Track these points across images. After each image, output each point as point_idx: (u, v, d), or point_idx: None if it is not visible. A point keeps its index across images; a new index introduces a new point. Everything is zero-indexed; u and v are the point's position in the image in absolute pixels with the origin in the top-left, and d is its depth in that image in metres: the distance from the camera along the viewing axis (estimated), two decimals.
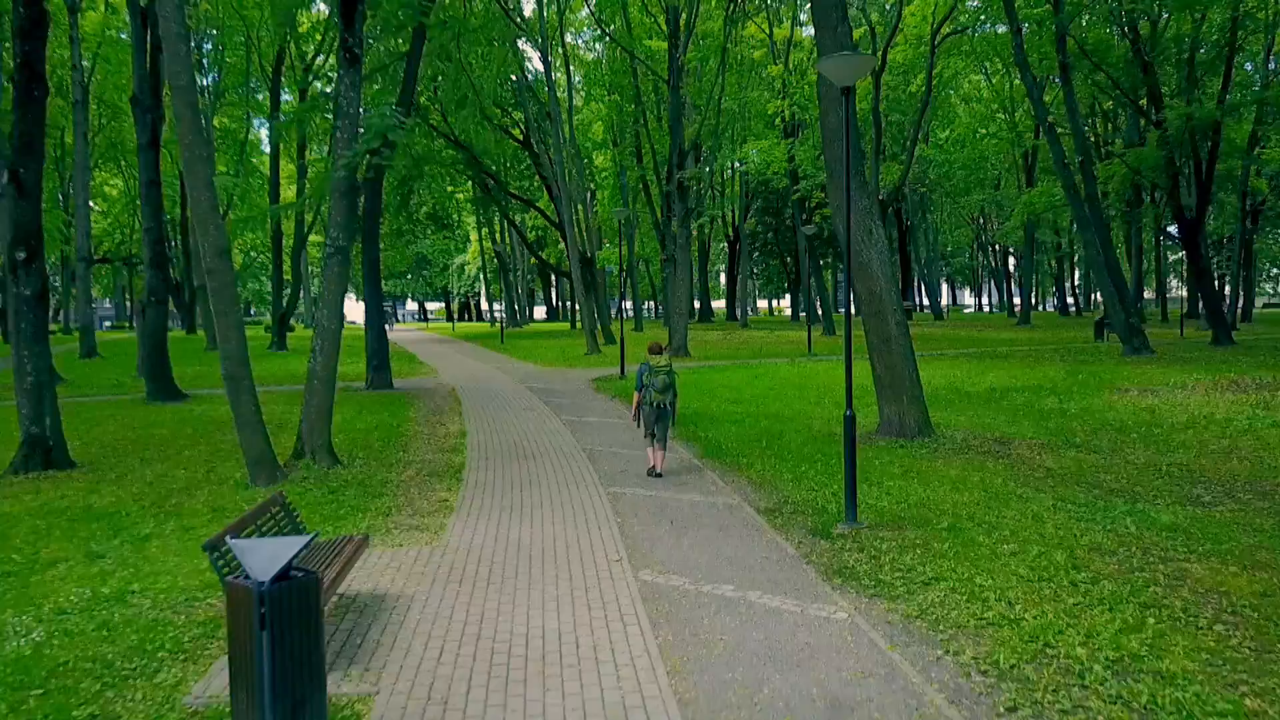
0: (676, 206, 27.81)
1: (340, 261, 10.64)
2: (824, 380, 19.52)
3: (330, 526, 7.82)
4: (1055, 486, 9.18)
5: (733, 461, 10.60)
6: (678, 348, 27.37)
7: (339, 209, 10.65)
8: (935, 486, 9.12)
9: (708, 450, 11.35)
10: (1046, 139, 24.60)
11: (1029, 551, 6.66)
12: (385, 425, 14.04)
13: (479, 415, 15.16)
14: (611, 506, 8.42)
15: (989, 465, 10.34)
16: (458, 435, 13.06)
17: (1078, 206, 24.09)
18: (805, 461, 10.46)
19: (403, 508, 8.59)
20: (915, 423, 12.17)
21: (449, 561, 6.78)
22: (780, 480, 9.49)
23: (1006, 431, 12.70)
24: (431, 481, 9.82)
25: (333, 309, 10.63)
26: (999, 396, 16.71)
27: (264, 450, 9.60)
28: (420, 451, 11.76)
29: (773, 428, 13.14)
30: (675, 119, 27.19)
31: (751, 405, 15.81)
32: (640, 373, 9.69)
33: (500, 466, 10.58)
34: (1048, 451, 11.26)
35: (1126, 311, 23.92)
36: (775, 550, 6.90)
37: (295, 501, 8.76)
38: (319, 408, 10.51)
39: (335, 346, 10.70)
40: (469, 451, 11.61)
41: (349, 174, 10.62)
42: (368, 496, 9.02)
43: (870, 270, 12.23)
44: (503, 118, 38.20)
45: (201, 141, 9.13)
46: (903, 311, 12.45)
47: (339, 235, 10.64)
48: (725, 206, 54.94)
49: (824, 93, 12.57)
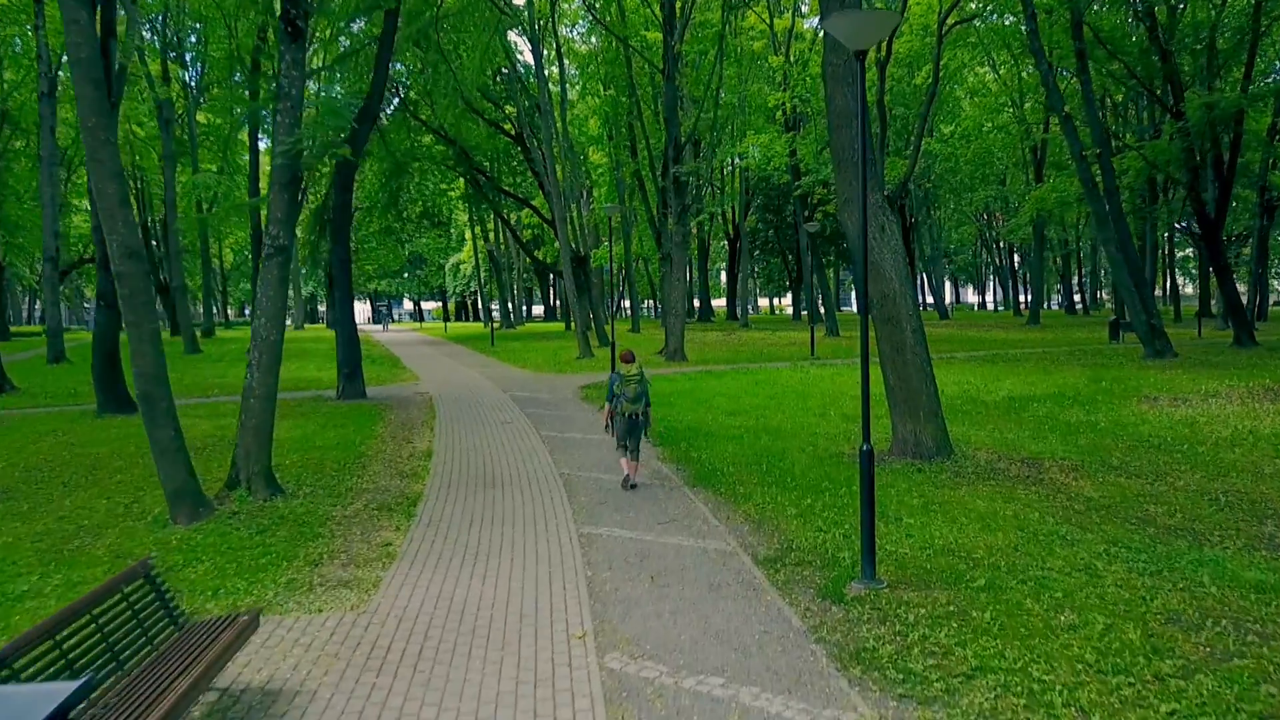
0: (672, 202, 26.47)
1: (280, 263, 9.34)
2: (829, 388, 18.20)
3: (241, 584, 6.52)
4: (1102, 523, 7.88)
5: (728, 490, 9.28)
6: (673, 351, 26.06)
7: (278, 203, 9.34)
8: (963, 524, 7.82)
9: (701, 475, 10.04)
10: (1063, 129, 23.26)
11: (1092, 624, 5.35)
12: (347, 443, 12.74)
13: (451, 430, 13.86)
14: (583, 554, 7.12)
15: (1020, 494, 9.03)
16: (423, 455, 11.75)
17: (1096, 201, 22.76)
18: (811, 491, 9.15)
19: (337, 554, 7.29)
20: (933, 441, 10.86)
21: (372, 636, 5.48)
22: (783, 516, 8.18)
23: (1033, 450, 11.40)
24: (379, 518, 8.51)
25: (271, 316, 9.32)
26: (1018, 407, 15.40)
27: (185, 482, 8.30)
28: (377, 476, 10.46)
29: (774, 446, 11.83)
30: (671, 111, 25.84)
31: (751, 418, 14.50)
32: (611, 382, 9.39)
33: (462, 497, 9.27)
34: (1084, 476, 9.96)
35: (1148, 312, 22.59)
36: (777, 620, 5.59)
37: (211, 546, 7.49)
38: (256, 429, 9.21)
39: (275, 359, 9.40)
40: (430, 478, 10.30)
41: (290, 164, 9.31)
42: (300, 539, 7.71)
43: (882, 270, 10.92)
44: (495, 112, 36.89)
45: (106, 125, 7.83)
46: (919, 317, 11.13)
47: (279, 233, 9.34)
48: (725, 203, 53.57)
49: (829, 72, 11.25)
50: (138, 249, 8.02)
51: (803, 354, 27.09)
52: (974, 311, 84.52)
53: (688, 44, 33.17)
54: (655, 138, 33.39)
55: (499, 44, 28.84)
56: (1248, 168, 32.30)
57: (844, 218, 11.25)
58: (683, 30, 26.58)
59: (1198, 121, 25.97)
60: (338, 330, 17.70)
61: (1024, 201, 39.62)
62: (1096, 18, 28.91)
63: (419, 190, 42.41)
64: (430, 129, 35.50)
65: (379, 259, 65.88)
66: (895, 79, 39.87)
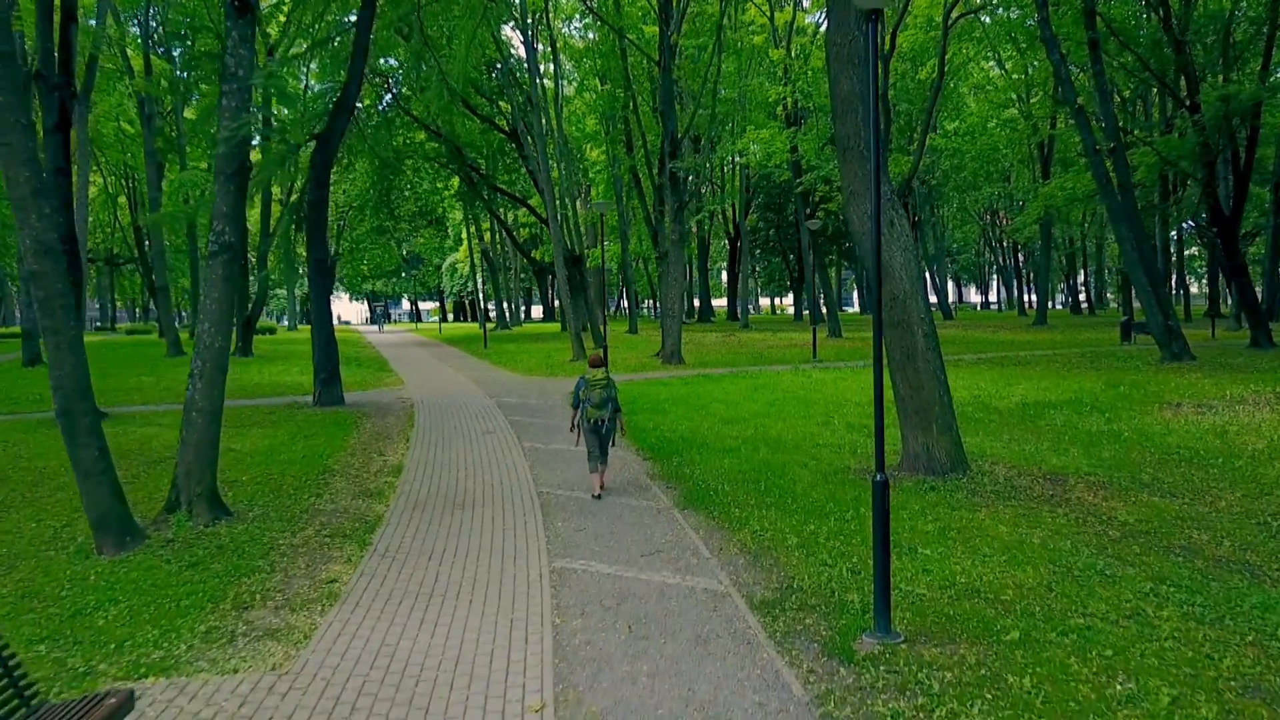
0: (669, 199, 25.53)
1: (226, 261, 8.42)
2: (832, 393, 17.28)
3: (153, 634, 5.61)
4: (1143, 554, 6.96)
5: (723, 514, 8.36)
6: (670, 353, 25.14)
7: (224, 195, 8.43)
8: (986, 556, 6.90)
9: (693, 495, 9.12)
10: (1075, 123, 22.30)
11: (1155, 695, 4.43)
12: (313, 455, 11.82)
13: (427, 442, 12.95)
14: (552, 595, 6.20)
15: (1046, 518, 8.11)
16: (392, 471, 10.84)
17: (1110, 197, 21.81)
18: (814, 514, 8.22)
19: (273, 593, 6.38)
20: (946, 456, 9.94)
21: (288, 708, 4.56)
22: (783, 546, 7.25)
23: (1055, 464, 10.48)
24: (331, 546, 7.59)
25: (216, 321, 8.40)
26: (1034, 414, 14.48)
27: (111, 507, 7.39)
28: (338, 495, 9.54)
29: (774, 460, 10.90)
30: (667, 104, 24.89)
31: (749, 427, 13.58)
32: (577, 387, 9.16)
33: (426, 521, 8.35)
34: (1114, 494, 9.03)
35: (1165, 313, 21.64)
36: (774, 687, 4.67)
37: (133, 583, 6.58)
38: (199, 446, 8.30)
39: (220, 368, 8.48)
40: (395, 497, 9.39)
41: (236, 151, 8.40)
42: (235, 574, 6.80)
43: (891, 270, 10.00)
44: (488, 108, 35.97)
45: (16, 104, 6.91)
46: (931, 320, 10.21)
47: (224, 228, 8.42)
48: (725, 202, 52.63)
49: (833, 53, 10.32)
50: (54, 246, 7.10)
51: (804, 356, 26.16)
52: (977, 311, 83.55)
53: (686, 38, 32.24)
54: (652, 133, 32.49)
55: (488, 35, 27.90)
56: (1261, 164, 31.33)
57: (850, 212, 10.33)
58: (680, 21, 25.66)
59: (1214, 115, 25.02)
60: (314, 333, 16.79)
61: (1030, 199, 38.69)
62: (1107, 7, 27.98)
63: (412, 188, 41.47)
64: (422, 125, 34.60)
65: (374, 259, 65.01)
66: (899, 74, 38.98)
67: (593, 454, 9.08)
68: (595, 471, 9.09)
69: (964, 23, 34.30)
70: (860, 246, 10.24)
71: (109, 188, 57.04)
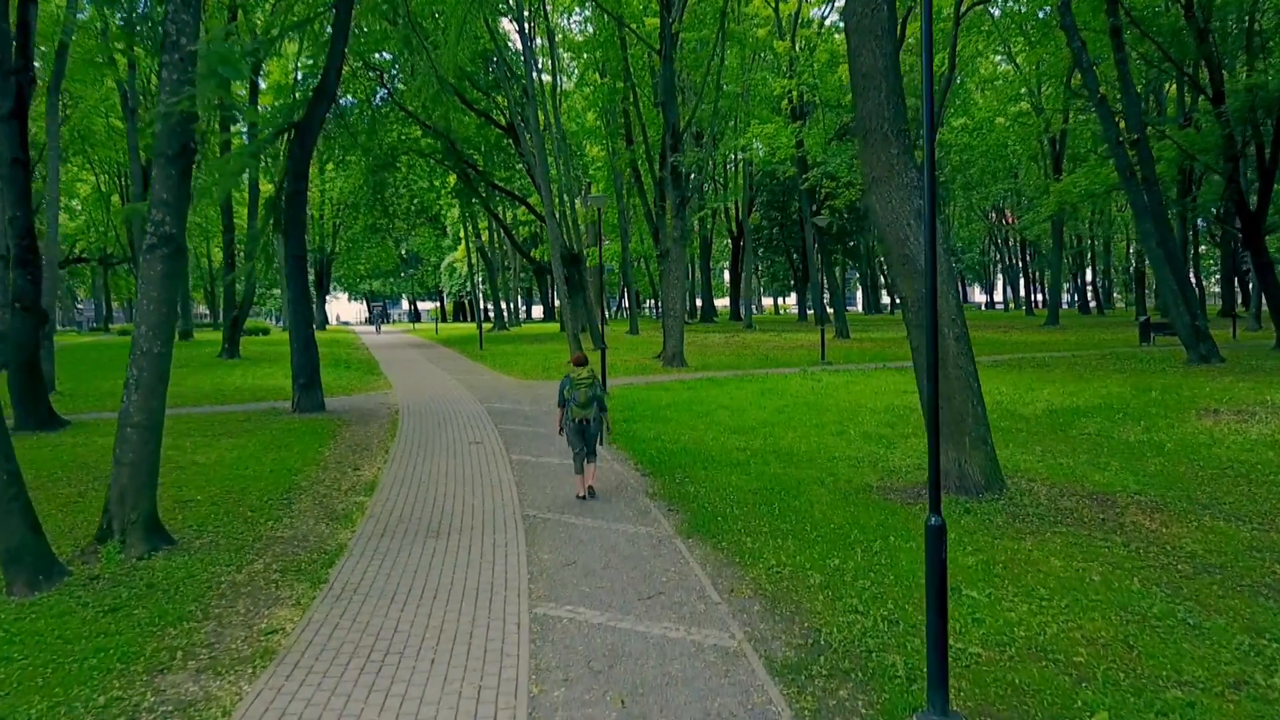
0: (670, 195, 24.48)
1: (167, 256, 7.38)
2: (844, 399, 16.23)
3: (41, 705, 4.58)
4: (1225, 596, 5.93)
5: (732, 544, 7.32)
6: (672, 355, 24.10)
7: (164, 180, 7.39)
8: (1043, 598, 5.87)
9: (698, 521, 8.07)
10: (1098, 113, 21.24)
11: None
12: (281, 470, 10.79)
13: (408, 454, 11.92)
14: (531, 654, 5.16)
15: (1102, 548, 7.08)
16: (365, 489, 9.80)
17: (1134, 192, 20.75)
18: (838, 544, 7.18)
19: (199, 649, 5.34)
20: (981, 473, 8.90)
21: None
22: (805, 587, 6.22)
23: (1098, 482, 9.44)
24: (281, 584, 6.56)
25: (155, 324, 7.37)
26: (1063, 422, 13.44)
27: (24, 539, 6.37)
28: (300, 519, 8.51)
29: (786, 476, 9.86)
30: (668, 94, 23.83)
31: (758, 437, 12.53)
32: (562, 387, 9.03)
33: (395, 551, 7.32)
34: (1173, 518, 8.00)
35: (1192, 313, 20.57)
36: None
37: (37, 635, 5.51)
38: (135, 466, 7.28)
39: (160, 377, 7.45)
40: (364, 521, 8.35)
41: (178, 130, 7.36)
42: (161, 622, 5.77)
43: (918, 265, 8.96)
44: (485, 101, 34.93)
45: None
46: (963, 322, 9.17)
47: (164, 218, 7.39)
48: (728, 199, 51.56)
49: (852, 24, 9.28)
50: None
51: (812, 358, 25.10)
52: (983, 311, 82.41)
53: (687, 30, 31.20)
54: (653, 127, 31.43)
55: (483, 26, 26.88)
56: None
57: (873, 200, 9.28)
58: (681, 9, 24.60)
59: (1239, 106, 23.96)
60: (292, 335, 15.76)
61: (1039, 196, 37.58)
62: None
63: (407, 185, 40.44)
64: (417, 120, 33.60)
65: (371, 258, 64.06)
66: (907, 67, 37.85)
67: (578, 455, 8.97)
68: (580, 473, 8.99)
69: (972, 15, 33.23)
70: (885, 238, 9.20)
71: (101, 186, 55.95)
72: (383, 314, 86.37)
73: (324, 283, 61.08)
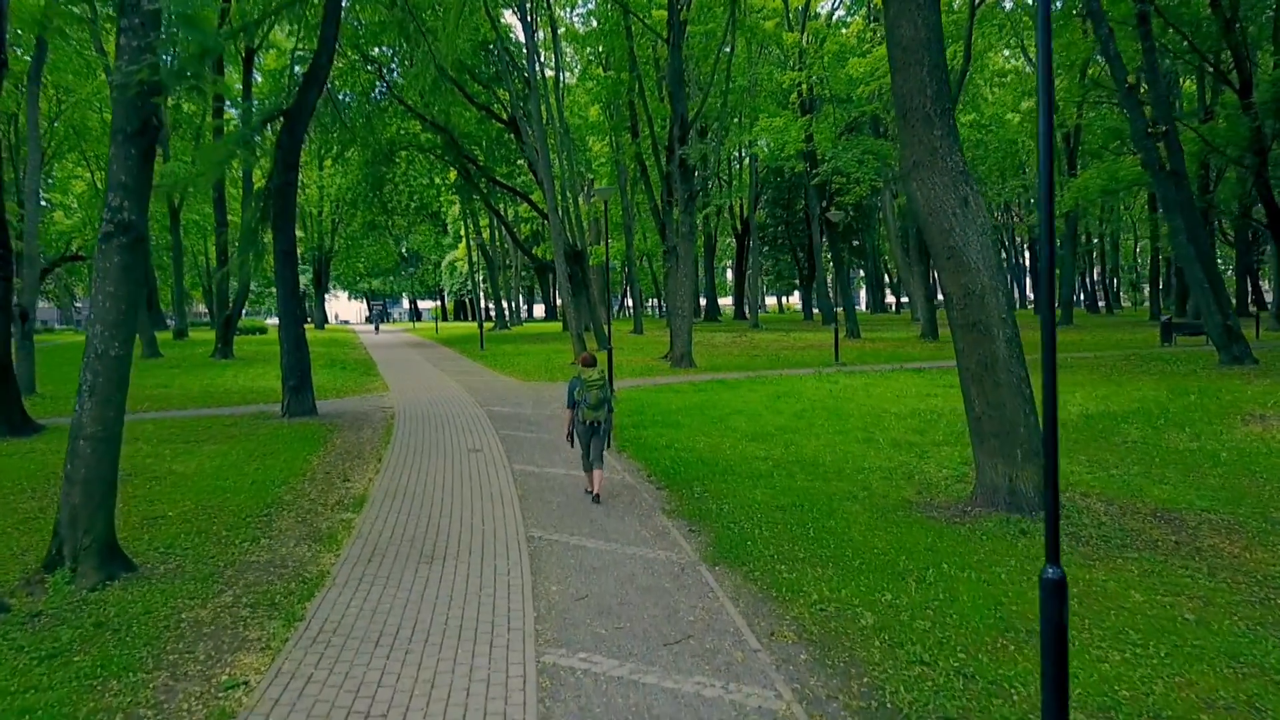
0: (679, 189, 23.60)
1: (124, 246, 6.53)
2: (865, 403, 15.36)
3: None
4: None
5: (766, 573, 6.45)
6: (680, 356, 23.23)
7: (122, 160, 6.54)
8: (1137, 646, 5.02)
9: (724, 544, 7.19)
10: (1124, 103, 20.33)
11: None
12: (265, 481, 9.94)
13: (403, 462, 11.06)
14: (538, 717, 4.30)
15: (1184, 578, 6.23)
16: (354, 504, 8.94)
17: (1163, 185, 19.86)
18: (886, 572, 6.32)
19: (141, 712, 4.48)
20: (1034, 490, 8.03)
21: None
22: (856, 629, 5.35)
23: (1159, 497, 8.58)
24: (249, 622, 5.71)
25: (112, 321, 6.51)
26: (1103, 429, 12.60)
27: None
28: (280, 539, 7.65)
29: (815, 491, 9.00)
30: (676, 84, 22.95)
31: (778, 445, 11.67)
32: (571, 388, 8.79)
33: (383, 579, 6.46)
34: (1254, 541, 7.15)
35: (1224, 313, 19.69)
36: None
37: None
38: (88, 484, 6.43)
39: (118, 383, 6.60)
40: (350, 542, 7.49)
41: (137, 104, 6.50)
42: (102, 672, 4.91)
43: (965, 258, 8.10)
44: (485, 95, 34.04)
45: None
46: (1014, 322, 8.30)
47: (123, 203, 6.53)
48: (733, 197, 50.66)
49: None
50: None
51: (824, 359, 24.23)
52: None
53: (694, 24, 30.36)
54: (659, 118, 30.52)
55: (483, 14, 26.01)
56: None
57: (912, 187, 8.42)
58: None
59: (1268, 98, 23.10)
60: (282, 334, 14.91)
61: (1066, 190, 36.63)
62: None
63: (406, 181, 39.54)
64: (416, 114, 32.74)
65: (371, 256, 63.18)
66: None
67: (587, 456, 8.81)
68: (589, 471, 8.84)
69: (984, 8, 32.36)
70: (928, 229, 8.34)
71: (98, 183, 55.14)
72: (382, 313, 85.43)
73: (322, 281, 60.21)
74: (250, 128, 13.06)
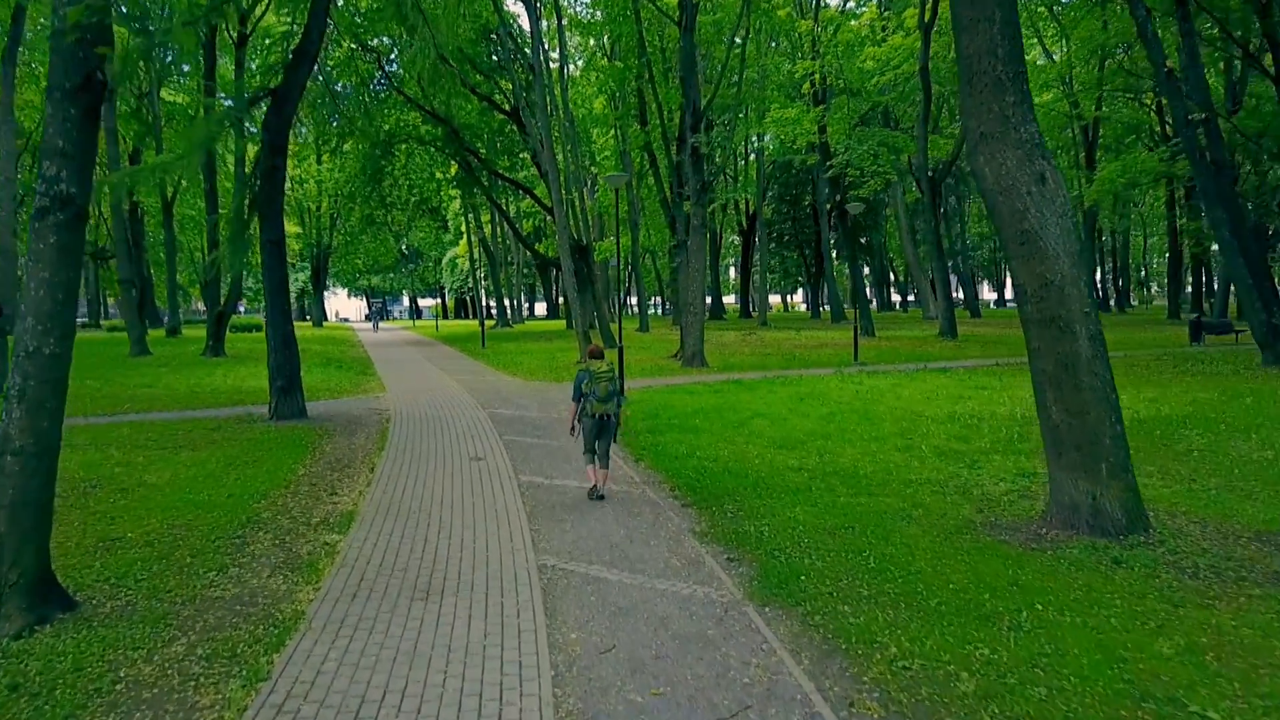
0: (690, 179, 22.52)
1: (61, 224, 5.47)
2: (896, 406, 14.30)
3: None
4: None
5: (827, 615, 5.39)
6: (692, 355, 22.17)
7: (59, 123, 5.48)
8: None
9: (773, 580, 6.09)
10: (1164, 90, 19.28)
11: None
12: (243, 494, 8.88)
13: (397, 472, 10.01)
14: None
15: None
16: (340, 522, 7.89)
17: (1204, 176, 18.80)
18: (972, 618, 5.26)
19: None
20: (1121, 510, 6.98)
21: None
22: (954, 696, 4.29)
23: (1256, 517, 7.53)
24: (203, 682, 4.65)
25: (45, 313, 5.45)
26: (1164, 436, 11.54)
27: None
28: (252, 567, 6.60)
29: (862, 508, 7.93)
30: (689, 69, 21.86)
31: (810, 453, 10.61)
32: (579, 380, 8.44)
33: (368, 622, 5.41)
34: None
35: (1268, 310, 18.61)
36: None
37: None
38: (14, 509, 5.38)
39: (53, 386, 5.54)
40: (333, 573, 6.43)
41: (77, 54, 5.44)
42: None
43: (1042, 244, 7.04)
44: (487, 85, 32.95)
45: None
46: (1097, 319, 7.23)
47: (60, 172, 5.48)
48: (739, 192, 49.57)
49: None
50: None
51: (843, 358, 23.16)
52: (997, 309, 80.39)
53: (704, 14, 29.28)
54: (669, 104, 29.41)
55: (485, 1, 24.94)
56: None
57: (979, 162, 7.35)
58: None
59: None
60: (269, 331, 13.86)
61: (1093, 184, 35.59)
62: None
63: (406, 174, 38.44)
64: (415, 105, 31.67)
65: (370, 252, 62.08)
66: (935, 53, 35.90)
67: (591, 450, 8.50)
68: (591, 465, 8.51)
69: None
70: (998, 209, 7.27)
71: None
72: (381, 310, 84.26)
73: (321, 278, 59.11)
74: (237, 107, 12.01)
